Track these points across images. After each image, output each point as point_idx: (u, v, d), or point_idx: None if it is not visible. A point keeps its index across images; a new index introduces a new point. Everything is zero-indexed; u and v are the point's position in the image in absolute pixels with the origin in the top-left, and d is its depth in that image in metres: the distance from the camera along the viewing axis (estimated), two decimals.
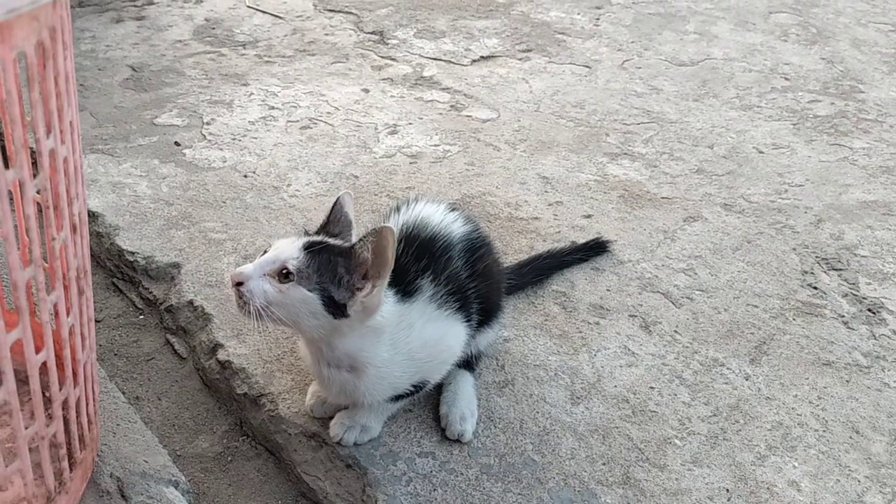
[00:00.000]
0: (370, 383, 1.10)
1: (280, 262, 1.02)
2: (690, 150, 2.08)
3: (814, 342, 1.46)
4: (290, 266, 1.01)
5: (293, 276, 1.01)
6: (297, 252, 1.03)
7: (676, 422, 1.28)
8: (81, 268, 0.78)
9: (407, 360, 1.12)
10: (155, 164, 1.91)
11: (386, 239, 0.99)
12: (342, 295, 1.02)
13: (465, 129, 2.13)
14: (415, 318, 1.12)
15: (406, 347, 1.11)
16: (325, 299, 1.02)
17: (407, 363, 1.12)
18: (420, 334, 1.12)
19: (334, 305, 1.02)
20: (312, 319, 1.03)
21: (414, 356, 1.12)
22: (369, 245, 1.01)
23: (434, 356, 1.16)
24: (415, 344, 1.12)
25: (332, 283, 1.02)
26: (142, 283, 1.58)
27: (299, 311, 1.03)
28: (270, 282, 1.01)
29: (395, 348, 1.10)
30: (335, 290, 1.02)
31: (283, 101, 2.23)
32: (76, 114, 0.73)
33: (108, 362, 1.44)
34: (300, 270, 1.01)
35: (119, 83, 2.29)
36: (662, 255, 1.68)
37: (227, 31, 2.66)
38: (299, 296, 1.01)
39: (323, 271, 1.02)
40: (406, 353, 1.12)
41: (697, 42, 2.71)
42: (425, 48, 2.59)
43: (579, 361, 1.39)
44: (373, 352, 1.07)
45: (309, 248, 1.03)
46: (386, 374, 1.10)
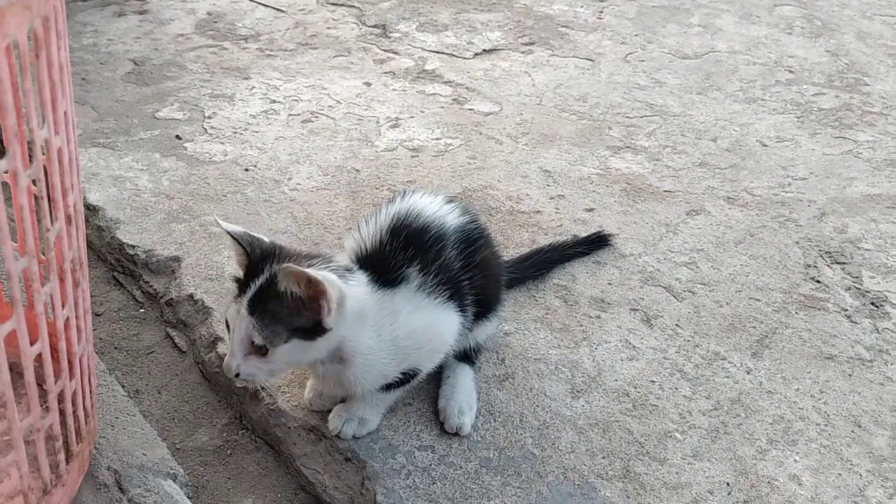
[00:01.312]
0: (359, 372, 1.10)
1: (246, 341, 1.01)
2: (693, 143, 2.06)
3: (816, 336, 1.46)
4: (256, 341, 1.01)
5: (265, 345, 1.01)
6: (249, 321, 1.01)
7: (677, 415, 1.28)
8: (77, 259, 0.78)
9: (393, 347, 1.11)
10: (156, 157, 1.91)
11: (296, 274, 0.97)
12: (310, 319, 1.01)
13: (467, 123, 2.13)
14: (400, 305, 1.12)
15: (391, 335, 1.11)
16: (304, 335, 1.02)
17: (394, 350, 1.11)
18: (406, 322, 1.12)
19: (313, 331, 1.02)
20: (310, 353, 1.05)
21: (400, 343, 1.12)
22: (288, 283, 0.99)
23: (422, 344, 1.15)
24: (400, 331, 1.11)
25: (296, 319, 1.01)
26: (142, 276, 1.58)
27: (296, 359, 1.05)
28: (255, 358, 1.02)
29: (380, 335, 1.09)
30: (303, 321, 1.01)
31: (284, 95, 2.22)
32: (71, 104, 0.73)
33: (108, 356, 1.44)
34: (266, 336, 1.00)
35: (121, 77, 2.29)
36: (664, 248, 1.67)
37: (229, 24, 2.65)
38: (284, 354, 1.03)
39: (282, 318, 1.01)
40: (391, 340, 1.11)
41: (701, 35, 2.69)
42: (427, 41, 2.58)
43: (580, 355, 1.39)
44: (357, 339, 1.06)
45: (255, 310, 1.01)
46: (373, 361, 1.10)
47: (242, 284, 1.05)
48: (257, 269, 1.05)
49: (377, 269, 1.13)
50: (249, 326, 1.00)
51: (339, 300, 1.00)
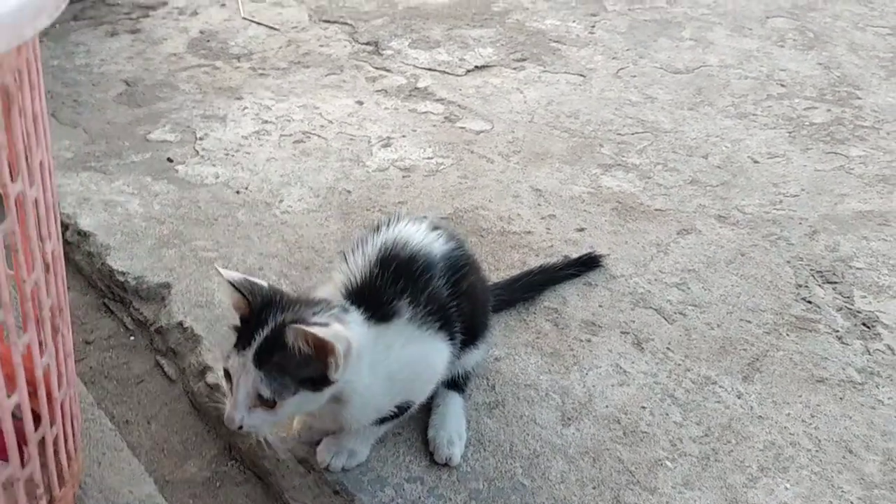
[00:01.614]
0: (356, 410, 1.10)
1: (253, 394, 1.01)
2: (685, 160, 2.06)
3: (807, 358, 1.45)
4: (264, 394, 1.00)
5: (273, 398, 1.01)
6: (256, 374, 1.00)
7: (668, 443, 1.27)
8: (56, 306, 0.77)
9: (388, 381, 1.11)
10: (147, 181, 1.91)
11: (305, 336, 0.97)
12: (318, 370, 1.01)
13: (459, 141, 2.12)
14: (392, 339, 1.11)
15: (385, 369, 1.10)
16: (311, 386, 1.02)
17: (388, 385, 1.11)
18: (399, 355, 1.11)
19: (320, 382, 1.02)
20: (316, 403, 1.05)
21: (394, 377, 1.11)
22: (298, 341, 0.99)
23: (416, 376, 1.15)
24: (394, 365, 1.11)
25: (305, 371, 1.01)
26: (132, 303, 1.58)
27: (301, 409, 1.06)
28: (261, 411, 1.02)
29: (375, 372, 1.09)
30: (311, 372, 1.01)
31: (276, 115, 2.22)
32: (47, 152, 0.73)
33: (97, 385, 1.44)
34: (274, 389, 1.00)
35: (113, 98, 2.29)
36: (655, 269, 1.67)
37: (221, 43, 2.65)
38: (291, 405, 1.02)
39: (290, 370, 1.00)
40: (386, 374, 1.10)
41: (693, 49, 2.69)
42: (420, 58, 2.58)
43: (571, 381, 1.38)
44: (356, 379, 1.06)
45: (262, 364, 1.01)
46: (369, 398, 1.10)
47: (243, 334, 1.05)
48: (259, 318, 1.04)
49: (369, 303, 1.12)
50: (257, 380, 1.00)
51: (347, 352, 1.00)
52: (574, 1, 3.04)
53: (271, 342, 1.01)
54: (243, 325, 1.06)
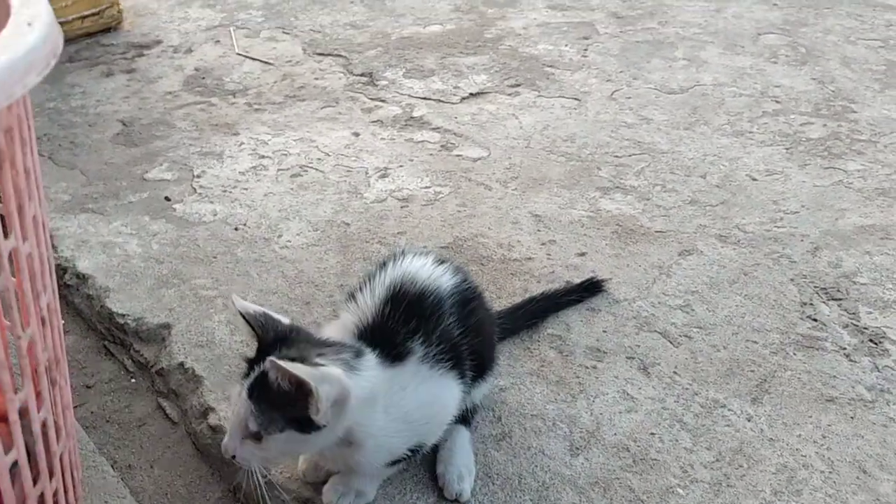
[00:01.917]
0: (369, 453, 1.08)
1: (243, 425, 1.00)
2: (683, 180, 2.06)
3: (816, 377, 1.44)
4: (251, 427, 0.99)
5: (259, 431, 1.00)
6: (247, 405, 1.00)
7: (679, 469, 1.26)
8: (53, 358, 0.76)
9: (403, 424, 1.09)
10: (145, 220, 1.91)
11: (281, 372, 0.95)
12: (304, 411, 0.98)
13: (456, 170, 2.12)
14: (407, 380, 1.10)
15: (400, 412, 1.09)
16: (299, 427, 1.00)
17: (403, 427, 1.10)
18: (414, 396, 1.10)
19: (310, 424, 0.99)
20: (305, 446, 1.04)
21: (409, 419, 1.10)
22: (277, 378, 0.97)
23: (430, 417, 1.14)
24: (409, 407, 1.10)
25: (293, 410, 0.98)
26: (133, 345, 1.56)
27: (289, 449, 1.04)
28: (250, 443, 1.01)
29: (389, 414, 1.07)
30: (299, 412, 0.98)
31: (273, 150, 2.23)
32: (41, 206, 0.72)
33: (99, 430, 1.42)
34: (261, 422, 0.99)
35: (109, 139, 2.30)
36: (658, 291, 1.65)
37: (216, 79, 2.67)
38: (278, 443, 1.01)
39: (280, 406, 0.99)
40: (401, 416, 1.09)
41: (686, 68, 2.70)
42: (414, 88, 2.59)
43: (577, 409, 1.37)
44: (369, 423, 1.05)
45: (253, 395, 1.00)
46: (383, 441, 1.08)
47: (249, 365, 1.04)
48: (263, 352, 1.03)
49: (383, 344, 1.10)
50: (246, 411, 0.99)
51: (340, 398, 0.98)
52: (566, 25, 3.06)
53: (266, 376, 1.00)
54: (254, 358, 1.05)
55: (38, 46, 0.59)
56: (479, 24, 3.10)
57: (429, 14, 3.21)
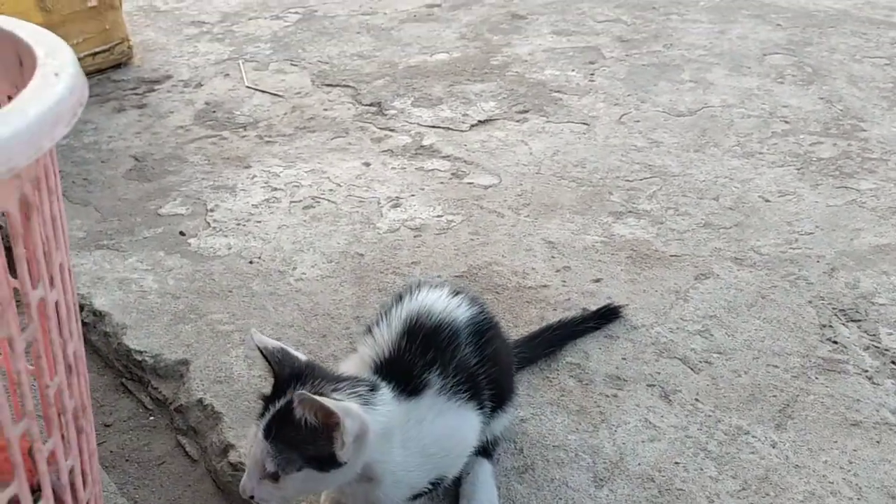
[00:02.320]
0: (389, 489, 1.07)
1: (260, 465, 1.00)
2: (696, 203, 2.06)
3: (839, 401, 1.42)
4: (268, 467, 0.99)
5: (277, 472, 0.99)
6: (264, 446, 1.00)
7: (705, 499, 1.24)
8: (80, 406, 0.76)
9: (422, 458, 1.09)
10: (161, 256, 1.91)
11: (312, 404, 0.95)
12: (325, 450, 0.99)
13: (468, 197, 2.13)
14: (424, 413, 1.10)
15: (418, 445, 1.09)
16: (318, 465, 0.99)
17: (422, 461, 1.09)
18: (431, 429, 1.10)
19: (328, 462, 0.99)
20: (324, 483, 1.03)
21: (427, 452, 1.10)
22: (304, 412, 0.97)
23: (449, 450, 1.13)
24: (427, 440, 1.09)
25: (311, 448, 0.99)
26: (151, 382, 1.56)
27: (307, 488, 1.03)
28: (268, 483, 1.00)
29: (407, 448, 1.07)
30: (318, 451, 0.99)
31: (285, 182, 2.24)
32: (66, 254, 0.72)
33: (118, 469, 1.42)
34: (278, 462, 0.99)
35: (122, 174, 2.31)
36: (676, 317, 1.65)
37: (227, 113, 2.69)
38: (296, 482, 1.00)
39: (297, 445, 0.99)
40: (419, 450, 1.09)
41: (694, 90, 2.71)
42: (423, 116, 2.60)
43: (600, 439, 1.36)
44: (387, 458, 1.04)
45: (269, 435, 1.00)
46: (402, 476, 1.08)
47: (265, 403, 1.04)
48: (279, 389, 1.03)
49: (399, 377, 1.10)
50: (263, 451, 0.99)
51: (360, 433, 0.98)
52: (571, 50, 3.08)
53: (283, 414, 1.00)
54: (270, 396, 1.05)
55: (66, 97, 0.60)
56: (485, 51, 3.12)
57: (435, 42, 3.23)
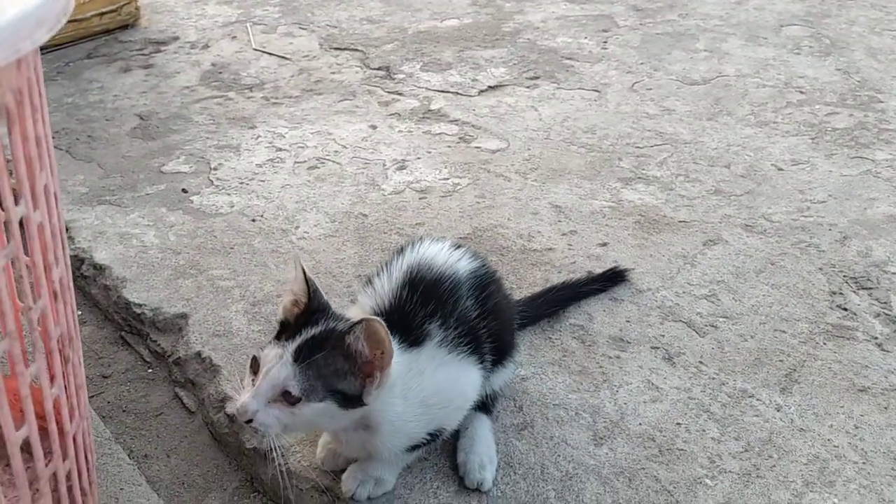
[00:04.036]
0: (387, 438, 1.06)
1: (279, 386, 0.96)
2: (707, 170, 2.02)
3: (847, 367, 1.39)
4: (291, 390, 0.96)
5: (300, 397, 0.96)
6: (291, 369, 0.96)
7: (706, 460, 1.22)
8: (66, 335, 0.74)
9: (421, 408, 1.07)
10: (163, 212, 1.89)
11: (378, 331, 0.95)
12: (353, 387, 0.98)
13: (475, 161, 2.10)
14: (424, 364, 1.08)
15: (418, 396, 1.07)
16: (341, 400, 0.98)
17: (421, 412, 1.07)
18: (432, 380, 1.08)
19: (350, 400, 0.98)
20: (333, 421, 1.01)
21: (427, 403, 1.08)
22: (361, 337, 0.96)
23: (448, 402, 1.11)
24: (427, 391, 1.07)
25: (339, 382, 0.97)
26: (149, 335, 1.55)
27: (318, 421, 1.00)
28: (279, 407, 0.96)
29: (407, 399, 1.05)
30: (346, 386, 0.97)
31: (290, 143, 2.21)
32: (53, 178, 0.70)
33: (115, 419, 1.41)
34: (304, 388, 0.96)
35: (127, 132, 2.29)
36: (683, 281, 1.62)
37: (233, 74, 2.66)
38: (313, 411, 0.97)
39: (326, 376, 0.97)
40: (419, 401, 1.07)
41: (708, 60, 2.66)
42: (432, 81, 2.57)
43: (601, 399, 1.33)
44: (386, 408, 1.03)
45: (300, 359, 0.97)
46: (401, 426, 1.06)
47: (288, 329, 1.01)
48: (311, 318, 1.01)
49: (400, 328, 1.08)
50: (289, 375, 0.95)
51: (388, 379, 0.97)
52: (585, 18, 3.03)
53: (317, 342, 0.98)
54: (293, 323, 1.03)
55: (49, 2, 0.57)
56: (497, 17, 3.07)
57: (445, 8, 3.18)
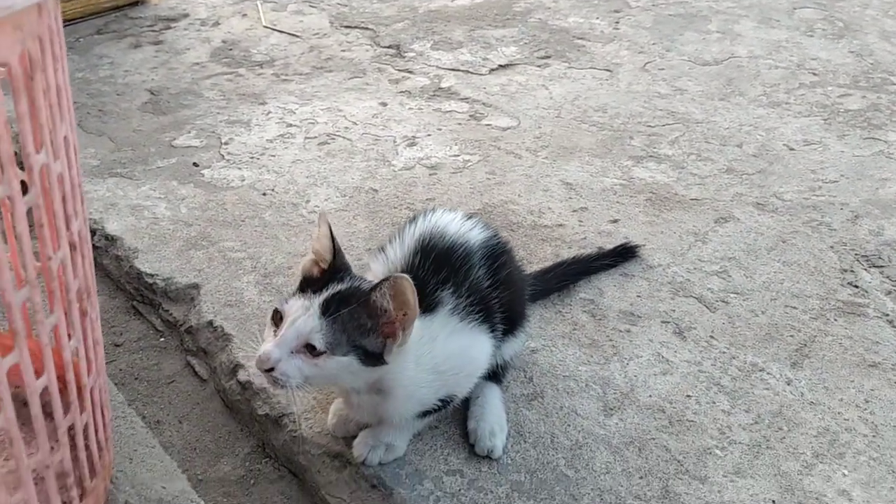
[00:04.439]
0: (398, 402, 1.07)
1: (304, 337, 0.96)
2: (718, 149, 2.01)
3: (858, 343, 1.39)
4: (316, 342, 0.96)
5: (325, 350, 0.97)
6: (317, 322, 0.97)
7: (716, 431, 1.22)
8: (84, 288, 0.75)
9: (433, 374, 1.08)
10: (174, 185, 1.90)
11: (405, 289, 0.95)
12: (375, 345, 0.98)
13: (485, 139, 2.09)
14: (437, 331, 1.08)
15: (431, 362, 1.07)
16: (363, 356, 0.98)
17: (433, 378, 1.08)
18: (444, 347, 1.08)
19: (371, 357, 0.99)
20: (353, 377, 1.01)
21: (439, 369, 1.08)
22: (388, 295, 0.96)
23: (460, 368, 1.12)
24: (439, 357, 1.08)
25: (363, 338, 0.98)
26: (161, 305, 1.56)
27: (338, 376, 1.00)
28: (302, 358, 0.96)
29: (420, 364, 1.06)
30: (368, 343, 0.98)
31: (300, 119, 2.21)
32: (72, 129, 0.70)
33: (128, 386, 1.42)
34: (329, 342, 0.96)
35: (138, 107, 2.29)
36: (694, 257, 1.62)
37: (244, 51, 2.65)
38: (336, 364, 0.98)
39: (350, 331, 0.97)
40: (431, 367, 1.07)
41: (720, 41, 2.65)
42: (442, 59, 2.56)
43: (611, 371, 1.34)
44: (399, 372, 1.03)
45: (328, 312, 0.97)
46: (413, 391, 1.07)
47: (313, 283, 1.02)
48: (335, 275, 1.02)
49: None
50: (315, 327, 0.96)
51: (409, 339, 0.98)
52: None
53: (344, 297, 0.99)
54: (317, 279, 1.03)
55: None
56: None
57: None
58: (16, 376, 0.67)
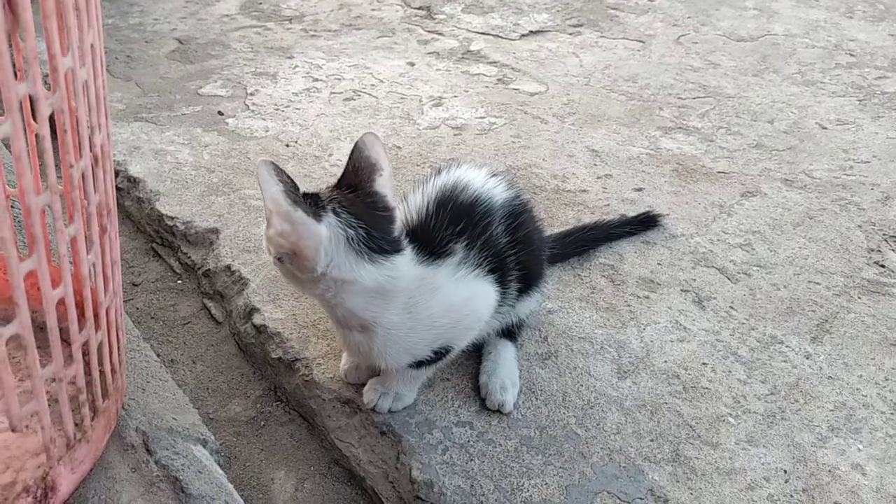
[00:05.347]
0: (381, 345, 1.04)
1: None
2: (749, 124, 1.98)
3: (880, 321, 1.37)
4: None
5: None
6: None
7: (731, 399, 1.21)
8: (104, 204, 0.74)
9: (427, 325, 1.05)
10: (198, 132, 1.89)
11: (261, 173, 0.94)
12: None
13: (512, 102, 2.07)
14: (440, 281, 1.05)
15: (426, 312, 1.04)
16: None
17: (426, 329, 1.05)
18: (444, 299, 1.05)
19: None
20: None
21: (435, 322, 1.05)
22: None
23: (458, 321, 1.09)
24: (436, 309, 1.05)
25: None
26: (181, 248, 1.56)
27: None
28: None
29: (411, 312, 1.03)
30: None
31: (327, 74, 2.20)
32: (99, 38, 0.70)
33: (144, 325, 1.42)
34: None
35: (165, 55, 2.29)
36: (718, 229, 1.59)
37: (273, 5, 2.64)
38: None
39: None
40: (426, 317, 1.04)
41: (757, 18, 2.59)
42: (473, 23, 2.53)
43: (627, 335, 1.32)
44: (378, 313, 1.00)
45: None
46: (396, 337, 1.03)
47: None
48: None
49: (423, 242, 1.07)
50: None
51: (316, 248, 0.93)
52: None
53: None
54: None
55: None
56: None
57: None
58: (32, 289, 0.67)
